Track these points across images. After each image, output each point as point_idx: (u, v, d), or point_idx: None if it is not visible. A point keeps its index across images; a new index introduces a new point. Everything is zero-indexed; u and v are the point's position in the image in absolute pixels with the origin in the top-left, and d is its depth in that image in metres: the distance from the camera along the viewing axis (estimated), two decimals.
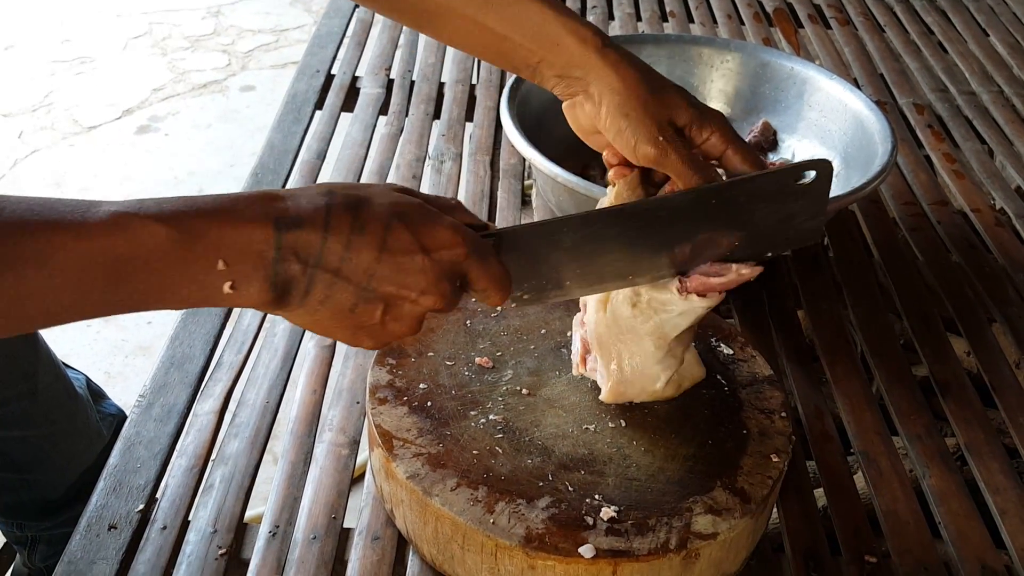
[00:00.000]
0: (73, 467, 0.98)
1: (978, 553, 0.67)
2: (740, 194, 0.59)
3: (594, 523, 0.58)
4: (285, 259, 0.48)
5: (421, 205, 0.52)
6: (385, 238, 0.50)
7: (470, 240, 0.53)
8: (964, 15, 1.44)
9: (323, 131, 1.09)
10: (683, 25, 1.38)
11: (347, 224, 0.49)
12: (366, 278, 0.50)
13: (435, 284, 0.52)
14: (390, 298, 0.51)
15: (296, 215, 0.48)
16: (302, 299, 0.50)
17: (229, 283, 0.47)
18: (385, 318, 0.52)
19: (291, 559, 0.63)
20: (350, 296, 0.50)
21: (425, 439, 0.63)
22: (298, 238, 0.48)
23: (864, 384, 0.81)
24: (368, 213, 0.50)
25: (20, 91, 2.53)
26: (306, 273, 0.49)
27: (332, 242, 0.49)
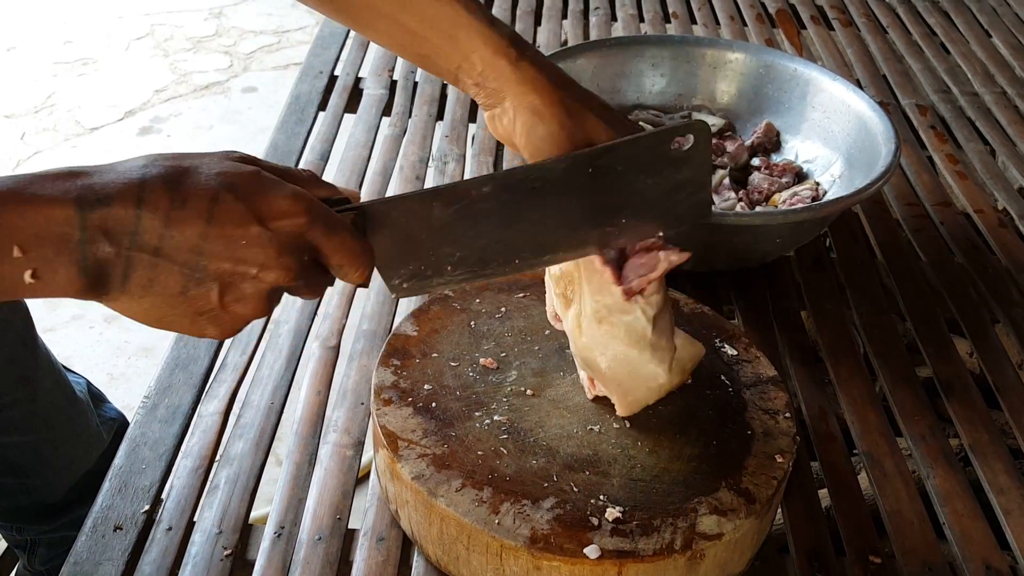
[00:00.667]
0: (73, 471, 0.98)
1: (982, 553, 0.67)
2: (615, 161, 0.55)
3: (599, 524, 0.58)
4: (93, 240, 0.44)
5: (255, 173, 0.48)
6: (211, 210, 0.45)
7: (314, 209, 0.48)
8: (967, 16, 1.44)
9: (326, 132, 1.09)
10: (686, 26, 1.38)
11: (165, 198, 0.45)
12: (193, 256, 0.45)
13: (276, 257, 0.47)
14: (226, 276, 0.47)
15: (103, 191, 0.44)
16: (122, 284, 0.45)
17: (29, 271, 0.43)
18: (224, 300, 0.47)
19: (296, 560, 0.63)
20: (177, 277, 0.46)
21: (430, 440, 0.63)
22: (107, 216, 0.44)
23: (868, 385, 0.81)
24: (191, 184, 0.46)
25: (22, 92, 2.54)
26: (121, 255, 0.44)
27: (148, 219, 0.44)
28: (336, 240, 0.50)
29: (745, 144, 1.00)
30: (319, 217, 0.48)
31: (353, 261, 0.51)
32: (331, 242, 0.49)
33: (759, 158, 0.99)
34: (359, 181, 1.01)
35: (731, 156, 0.98)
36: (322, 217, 0.49)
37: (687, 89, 1.04)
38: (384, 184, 1.02)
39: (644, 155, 0.56)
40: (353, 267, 0.51)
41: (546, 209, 0.56)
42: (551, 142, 0.58)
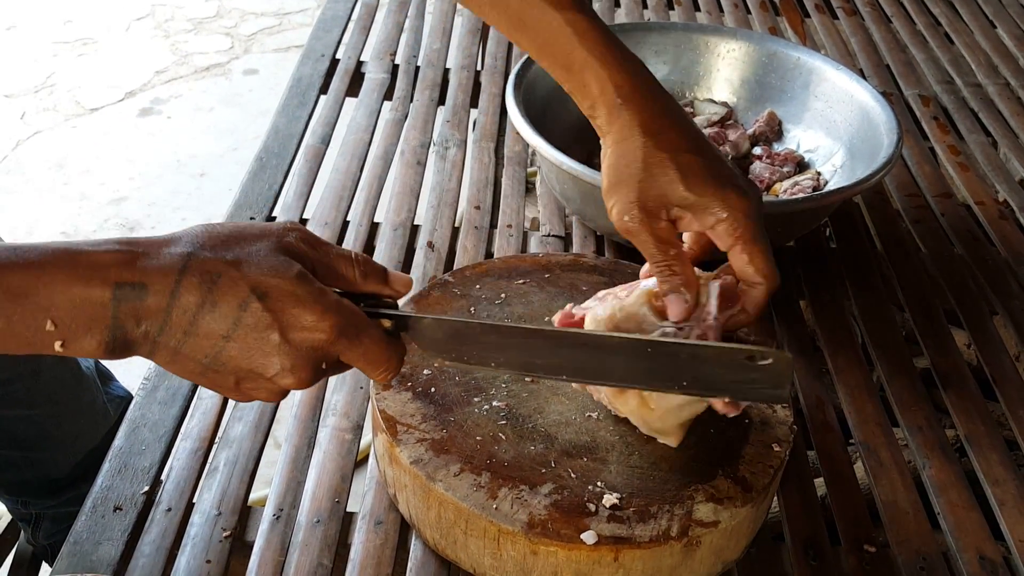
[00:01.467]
0: (78, 446, 0.98)
1: (976, 543, 0.68)
2: (681, 352, 0.55)
3: (596, 510, 0.58)
4: (123, 325, 0.45)
5: (294, 280, 0.48)
6: (239, 316, 0.47)
7: (341, 322, 0.49)
8: (971, 6, 1.43)
9: (327, 116, 1.09)
10: (689, 13, 1.37)
11: (197, 297, 0.46)
12: (213, 352, 0.47)
13: (292, 367, 0.48)
14: (240, 373, 0.49)
15: (140, 280, 0.45)
16: (148, 356, 0.48)
17: (60, 342, 0.45)
18: (240, 387, 0.50)
19: (295, 542, 0.63)
20: (196, 366, 0.48)
21: (429, 425, 0.63)
22: (140, 306, 0.45)
23: (866, 375, 0.81)
24: (226, 285, 0.47)
25: (22, 72, 2.53)
26: (148, 339, 0.47)
27: (176, 315, 0.46)
28: (359, 351, 0.51)
29: (747, 133, 1.00)
30: (343, 332, 0.49)
31: (375, 369, 0.52)
32: (353, 352, 0.51)
33: (761, 147, 0.99)
34: (360, 165, 1.01)
35: (733, 144, 0.98)
36: (347, 331, 0.50)
37: (690, 77, 1.04)
38: (385, 168, 1.02)
39: (712, 357, 0.54)
40: (374, 372, 0.53)
41: (600, 359, 0.56)
42: (619, 189, 0.59)
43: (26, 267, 0.44)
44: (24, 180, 2.18)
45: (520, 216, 0.96)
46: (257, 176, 0.98)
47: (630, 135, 0.59)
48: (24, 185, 2.17)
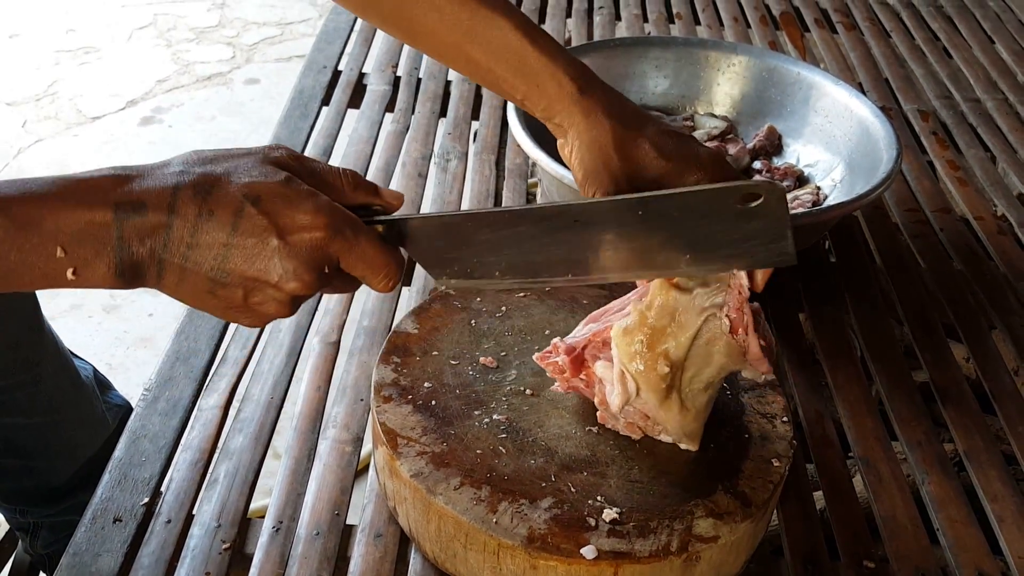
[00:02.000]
0: (77, 455, 0.98)
1: (975, 560, 0.68)
2: (670, 207, 0.54)
3: (596, 524, 0.59)
4: (128, 245, 0.47)
5: (283, 183, 0.50)
6: (235, 222, 0.48)
7: (335, 221, 0.50)
8: (970, 22, 1.44)
9: (329, 127, 1.09)
10: (690, 27, 1.38)
11: (194, 208, 0.48)
12: (218, 263, 0.48)
13: (293, 270, 0.49)
14: (248, 282, 0.49)
15: (139, 198, 0.47)
16: (156, 280, 0.49)
17: (71, 269, 0.46)
18: (249, 301, 0.50)
19: (294, 554, 0.63)
20: (204, 280, 0.49)
21: (429, 438, 0.63)
22: (141, 223, 0.47)
23: (865, 389, 0.81)
24: (219, 194, 0.48)
25: (24, 80, 2.54)
26: (154, 257, 0.48)
27: (177, 227, 0.47)
28: (357, 252, 0.51)
29: (747, 147, 1.00)
30: (339, 231, 0.50)
31: (375, 273, 0.52)
32: (351, 255, 0.51)
33: (760, 161, 0.99)
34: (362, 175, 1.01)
35: (733, 159, 0.99)
36: (342, 231, 0.50)
37: (690, 91, 1.05)
38: (387, 181, 1.02)
39: (702, 206, 0.54)
40: (375, 278, 0.53)
41: (594, 238, 0.56)
42: (595, 176, 0.60)
43: (30, 198, 0.45)
44: None
45: None
46: None
47: (597, 123, 0.61)
48: None
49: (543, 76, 0.62)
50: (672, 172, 0.60)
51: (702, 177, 0.60)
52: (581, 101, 0.61)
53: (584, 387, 0.65)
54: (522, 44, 0.62)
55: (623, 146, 0.60)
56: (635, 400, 0.62)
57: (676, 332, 0.60)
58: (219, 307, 0.51)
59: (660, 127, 0.62)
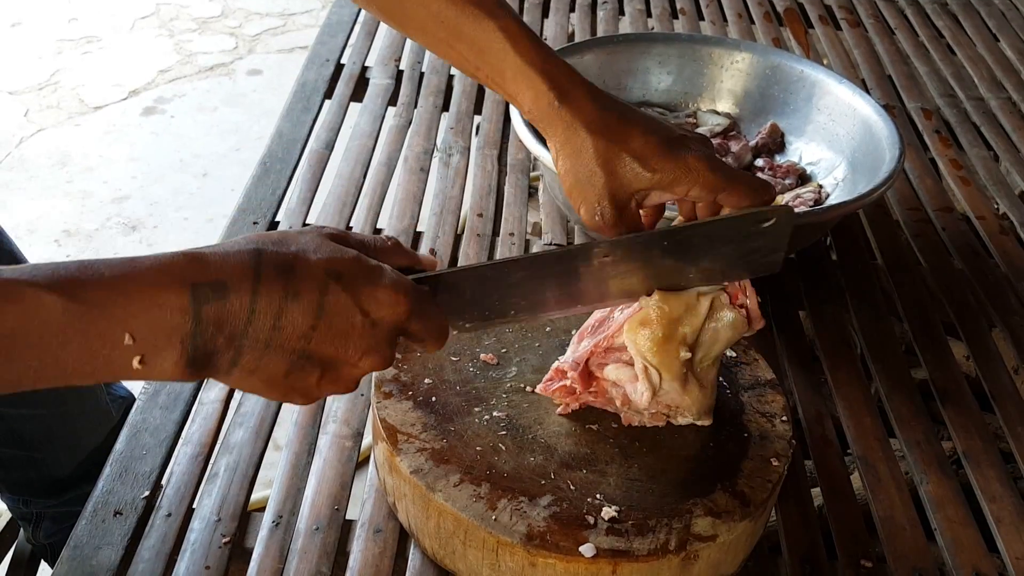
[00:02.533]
0: (82, 446, 0.99)
1: (973, 560, 0.68)
2: (695, 236, 0.58)
3: (595, 522, 0.59)
4: (205, 332, 0.43)
5: (357, 259, 0.49)
6: (321, 302, 0.46)
7: (412, 297, 0.50)
8: (974, 19, 1.43)
9: (332, 121, 1.09)
10: (693, 23, 1.37)
11: (279, 289, 0.45)
12: (302, 344, 0.46)
13: (376, 346, 0.49)
14: (328, 362, 0.48)
15: (218, 281, 0.43)
16: (228, 370, 0.46)
17: (138, 358, 0.42)
18: (321, 381, 0.49)
19: (294, 549, 0.64)
20: (284, 364, 0.46)
21: (429, 434, 0.63)
22: (221, 309, 0.43)
23: (864, 388, 0.81)
24: (302, 274, 0.46)
25: (26, 69, 2.53)
26: (232, 345, 0.44)
27: (262, 313, 0.44)
28: (428, 324, 0.52)
29: (749, 144, 1.00)
30: (416, 307, 0.50)
31: (435, 337, 0.53)
32: (423, 325, 0.52)
33: (763, 159, 0.99)
34: (363, 171, 1.01)
35: (735, 156, 0.99)
36: (419, 306, 0.51)
37: (693, 87, 1.04)
38: (388, 175, 1.02)
39: (723, 232, 0.58)
40: (435, 342, 0.54)
41: (613, 269, 0.59)
42: (581, 187, 0.60)
43: (101, 281, 0.42)
44: (27, 177, 2.18)
45: (522, 224, 0.96)
46: (261, 180, 0.98)
47: (576, 136, 0.60)
48: (27, 182, 2.17)
49: (521, 82, 0.61)
50: (661, 183, 0.59)
51: (693, 182, 0.58)
52: (560, 111, 0.60)
53: (596, 399, 0.66)
54: (503, 47, 0.61)
55: (607, 162, 0.59)
56: (660, 393, 0.63)
57: (690, 319, 0.62)
58: (286, 390, 0.48)
59: (646, 135, 0.59)
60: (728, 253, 0.59)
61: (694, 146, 0.60)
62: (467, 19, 0.62)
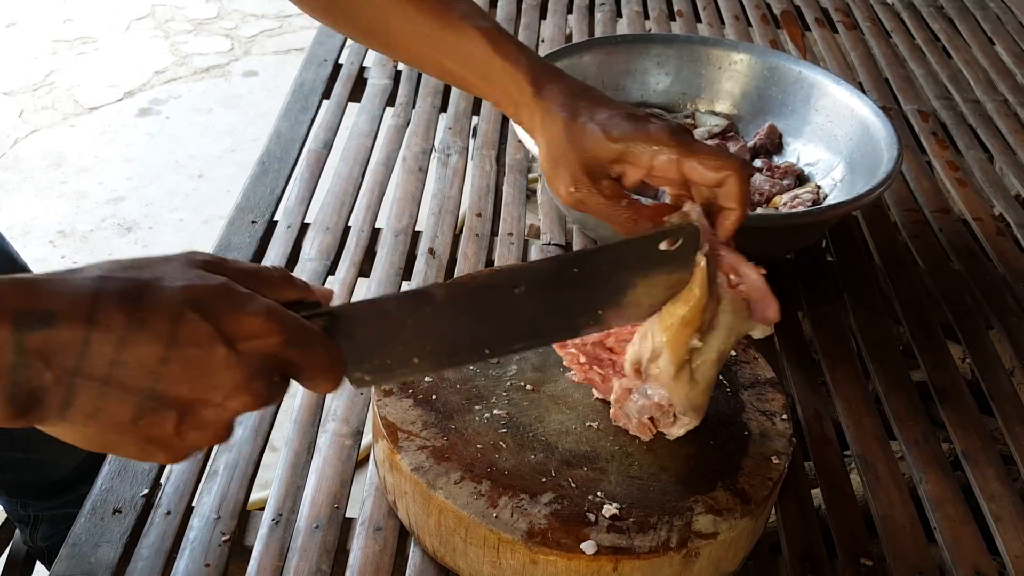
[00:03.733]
0: (79, 448, 0.98)
1: (972, 559, 0.68)
2: (603, 261, 0.55)
3: (596, 520, 0.59)
4: (29, 364, 0.38)
5: (223, 286, 0.43)
6: (174, 331, 0.40)
7: (288, 326, 0.43)
8: (970, 22, 1.44)
9: (330, 121, 1.09)
10: (690, 25, 1.38)
11: (120, 318, 0.39)
12: (150, 382, 0.40)
13: (245, 383, 0.42)
14: (185, 404, 0.42)
15: (47, 309, 0.38)
16: (60, 412, 0.40)
17: None
18: (181, 428, 0.42)
19: (294, 547, 0.63)
20: (129, 406, 0.40)
21: (430, 432, 0.63)
22: (48, 338, 0.38)
23: (863, 389, 0.81)
24: (151, 301, 0.40)
25: (21, 69, 2.53)
26: (62, 382, 0.39)
27: (98, 343, 0.39)
28: (311, 356, 0.45)
29: (747, 145, 1.00)
30: (295, 335, 0.44)
31: (326, 375, 0.46)
32: (305, 359, 0.45)
33: (761, 159, 0.99)
34: (362, 171, 1.01)
35: None
36: (298, 334, 0.44)
37: (691, 88, 1.05)
38: (387, 174, 1.02)
39: (632, 255, 0.55)
40: (327, 380, 0.47)
41: (525, 306, 0.54)
42: (558, 167, 0.62)
43: None
44: (22, 178, 2.18)
45: (521, 224, 0.96)
46: (259, 180, 0.98)
47: (551, 119, 0.62)
48: (22, 183, 2.16)
49: (505, 80, 0.63)
50: (627, 152, 0.60)
51: (655, 150, 0.59)
52: (539, 100, 0.62)
53: (601, 382, 0.65)
54: (486, 51, 0.63)
55: (573, 136, 0.61)
56: (650, 367, 0.60)
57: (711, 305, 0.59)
58: (137, 440, 0.42)
59: (613, 111, 0.60)
60: (638, 286, 0.56)
61: (656, 120, 0.61)
62: (449, 31, 0.64)
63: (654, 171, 0.60)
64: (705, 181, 0.59)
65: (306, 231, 0.92)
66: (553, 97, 0.62)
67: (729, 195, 0.59)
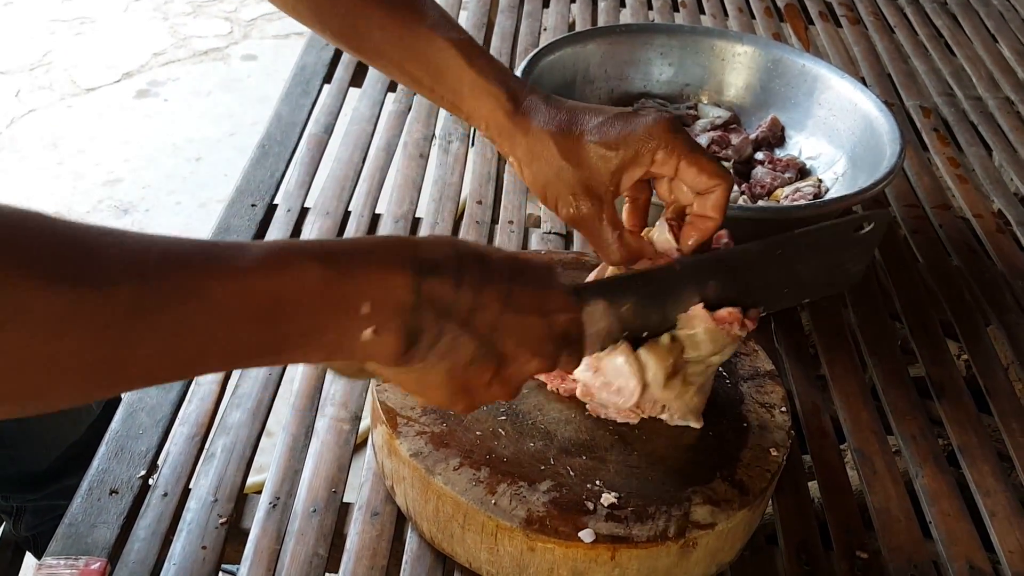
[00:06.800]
0: (59, 442, 0.97)
1: (967, 553, 0.68)
2: (801, 245, 0.60)
3: (594, 508, 0.59)
4: (422, 306, 0.45)
5: (548, 264, 0.52)
6: (510, 292, 0.48)
7: (580, 307, 0.52)
8: (973, 19, 1.44)
9: (331, 105, 1.09)
10: (694, 16, 1.37)
11: (477, 272, 0.47)
12: (490, 331, 0.47)
13: (546, 348, 0.50)
14: (505, 357, 0.49)
15: (433, 259, 0.45)
16: (428, 350, 0.46)
17: (372, 328, 0.43)
18: (493, 379, 0.49)
19: (291, 531, 0.63)
20: (471, 351, 0.47)
21: (429, 418, 0.63)
22: (434, 285, 0.45)
23: (862, 383, 0.81)
24: (495, 265, 0.48)
25: (18, 49, 2.51)
26: (437, 323, 0.46)
27: (465, 291, 0.46)
28: (583, 335, 0.53)
29: (750, 137, 1.00)
30: (582, 315, 0.52)
31: (585, 353, 0.55)
32: (581, 338, 0.53)
33: (763, 152, 0.99)
34: (362, 156, 1.01)
35: (735, 149, 0.99)
36: (579, 320, 0.52)
37: (695, 80, 1.04)
38: (387, 160, 1.01)
39: (827, 238, 0.60)
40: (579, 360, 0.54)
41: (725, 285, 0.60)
42: (553, 188, 0.61)
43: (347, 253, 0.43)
44: (18, 158, 2.16)
45: (522, 212, 0.96)
46: (259, 163, 0.98)
47: (538, 138, 0.60)
48: (18, 163, 2.15)
49: (479, 95, 0.61)
50: (628, 158, 0.59)
51: (656, 144, 0.59)
52: (517, 119, 0.61)
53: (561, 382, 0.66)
54: (459, 64, 0.61)
55: (570, 153, 0.60)
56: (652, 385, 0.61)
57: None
58: (456, 387, 0.49)
59: (599, 117, 0.60)
60: (821, 266, 0.60)
61: (650, 113, 0.61)
62: (421, 39, 0.62)
63: (654, 166, 0.60)
64: (697, 187, 0.60)
65: (306, 215, 0.92)
66: (533, 114, 0.61)
67: (714, 205, 0.60)
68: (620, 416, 0.64)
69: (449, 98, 0.63)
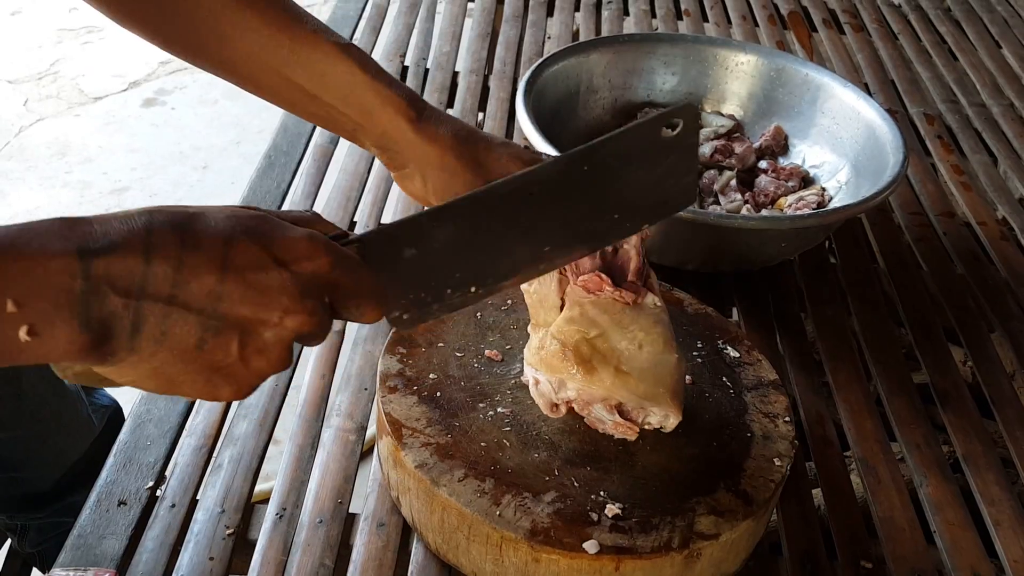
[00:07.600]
0: (62, 461, 0.96)
1: (971, 562, 0.68)
2: (609, 155, 0.54)
3: (599, 519, 0.59)
4: (97, 291, 0.39)
5: (265, 217, 0.45)
6: (227, 254, 0.42)
7: (332, 249, 0.45)
8: (977, 26, 1.44)
9: None
10: (698, 24, 1.38)
11: (175, 241, 0.41)
12: (211, 302, 0.42)
13: (299, 301, 0.43)
14: (246, 324, 0.43)
15: (106, 237, 0.40)
16: (130, 340, 0.41)
17: (25, 328, 0.38)
18: (244, 352, 0.43)
19: (297, 541, 0.64)
20: (193, 327, 0.42)
21: (434, 429, 0.64)
22: (111, 264, 0.39)
23: (866, 391, 0.82)
24: (201, 229, 0.42)
25: (26, 58, 2.53)
26: (129, 307, 0.40)
27: (158, 265, 0.40)
28: (357, 278, 0.46)
29: (753, 146, 1.00)
30: (340, 258, 0.45)
31: (373, 299, 0.48)
32: (353, 281, 0.46)
33: (766, 161, 0.99)
34: (368, 166, 1.01)
35: (739, 158, 0.99)
36: (342, 258, 0.46)
37: (698, 89, 1.05)
38: None
39: (637, 145, 0.55)
40: (371, 305, 0.48)
41: (542, 213, 0.54)
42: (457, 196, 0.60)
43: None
44: (26, 167, 2.18)
45: None
46: (265, 174, 0.98)
47: (443, 146, 0.59)
48: (26, 172, 2.16)
49: (375, 104, 0.58)
50: (535, 159, 0.61)
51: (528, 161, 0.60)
52: (419, 127, 0.59)
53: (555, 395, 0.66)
54: (351, 71, 0.58)
55: (475, 159, 0.59)
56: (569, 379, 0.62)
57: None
58: (201, 370, 0.43)
59: (498, 139, 0.61)
60: (644, 180, 0.55)
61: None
62: (304, 44, 0.58)
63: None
64: None
65: None
66: (436, 124, 0.59)
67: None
68: (617, 432, 0.65)
69: (334, 107, 0.59)
